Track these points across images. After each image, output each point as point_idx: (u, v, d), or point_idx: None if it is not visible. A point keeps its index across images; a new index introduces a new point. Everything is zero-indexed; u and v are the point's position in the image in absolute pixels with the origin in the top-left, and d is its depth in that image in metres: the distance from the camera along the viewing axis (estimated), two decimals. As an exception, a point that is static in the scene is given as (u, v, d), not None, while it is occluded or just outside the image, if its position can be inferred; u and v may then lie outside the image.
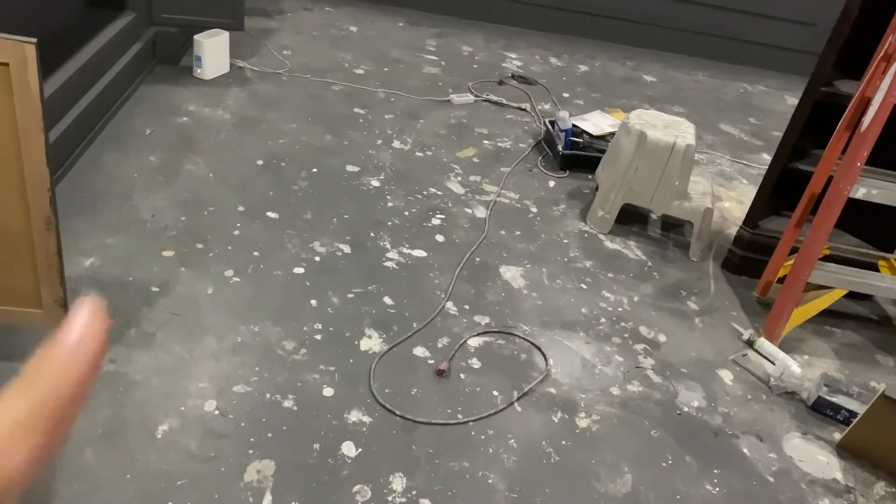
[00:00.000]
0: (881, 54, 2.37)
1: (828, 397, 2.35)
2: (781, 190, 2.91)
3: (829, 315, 2.80)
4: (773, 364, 2.50)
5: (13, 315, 1.85)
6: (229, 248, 2.56)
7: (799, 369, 2.45)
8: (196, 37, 3.60)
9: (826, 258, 2.68)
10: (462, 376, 2.23)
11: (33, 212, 1.69)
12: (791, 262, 2.69)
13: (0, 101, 1.53)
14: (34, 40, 1.49)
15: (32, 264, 1.76)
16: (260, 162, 3.10)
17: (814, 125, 2.76)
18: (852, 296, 2.87)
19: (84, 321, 0.35)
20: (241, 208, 2.78)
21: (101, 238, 2.48)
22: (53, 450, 0.32)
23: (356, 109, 3.70)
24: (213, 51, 3.65)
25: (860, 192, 2.42)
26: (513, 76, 4.47)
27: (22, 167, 1.62)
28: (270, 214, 2.78)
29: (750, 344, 2.60)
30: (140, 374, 2.01)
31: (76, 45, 3.06)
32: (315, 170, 3.13)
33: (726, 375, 2.46)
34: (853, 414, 2.29)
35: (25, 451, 0.31)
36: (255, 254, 2.56)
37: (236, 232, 2.65)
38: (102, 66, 3.15)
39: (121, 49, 3.34)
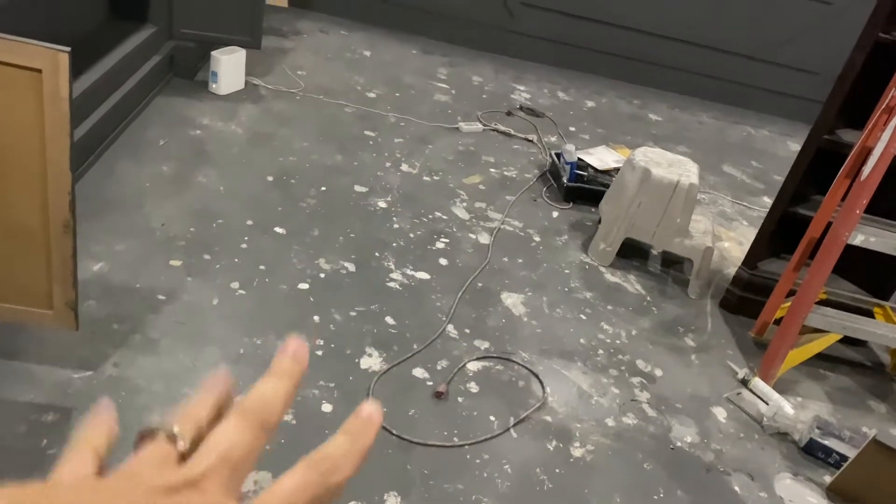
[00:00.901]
0: (883, 107, 2.44)
1: (820, 440, 2.37)
2: (781, 233, 2.96)
3: (823, 359, 2.83)
4: (767, 404, 2.53)
5: (23, 314, 1.88)
6: (236, 260, 2.60)
7: (792, 410, 2.48)
8: (214, 53, 3.67)
9: (822, 302, 2.72)
10: (460, 399, 2.25)
11: (52, 214, 1.73)
12: (788, 304, 2.73)
13: (30, 105, 1.58)
14: (67, 49, 1.55)
15: (47, 265, 1.79)
16: (270, 178, 3.15)
17: (815, 171, 2.82)
18: (847, 341, 2.90)
19: (374, 422, 0.38)
20: (249, 222, 2.82)
21: (111, 244, 2.51)
22: None
23: (367, 131, 3.76)
24: (230, 67, 3.72)
25: (858, 239, 2.47)
26: (521, 108, 4.55)
27: (45, 170, 1.66)
28: (278, 229, 2.83)
29: (744, 383, 2.63)
30: (143, 380, 2.03)
31: (98, 55, 3.12)
32: (324, 188, 3.18)
33: (720, 413, 2.49)
34: (844, 458, 2.32)
35: None
36: (262, 267, 2.60)
37: (244, 245, 2.69)
38: (122, 76, 3.21)
39: (140, 61, 3.40)
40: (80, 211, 1.78)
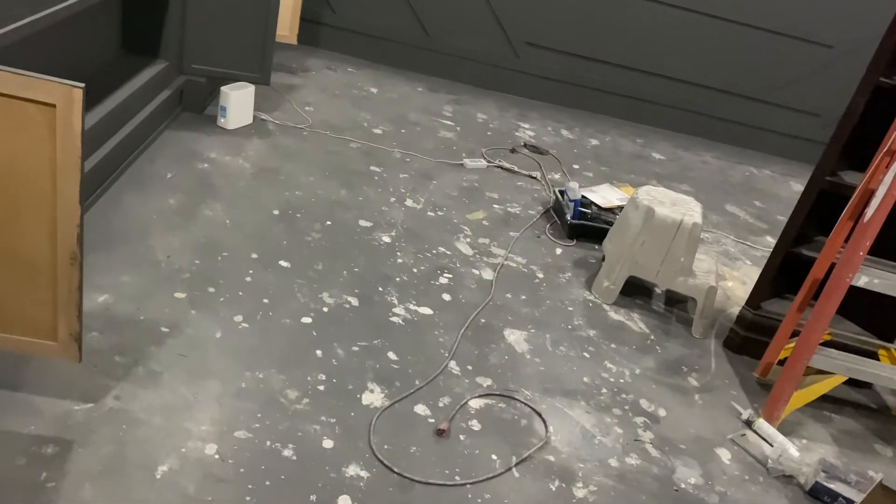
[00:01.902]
0: (885, 150, 2.46)
1: (825, 483, 2.35)
2: (784, 273, 2.96)
3: (828, 400, 2.81)
4: (772, 446, 2.50)
5: (27, 345, 1.88)
6: (240, 293, 2.61)
7: (797, 453, 2.45)
8: (223, 88, 3.73)
9: (827, 343, 2.71)
10: (461, 437, 2.24)
11: (60, 246, 1.74)
12: (792, 344, 2.72)
13: (43, 139, 1.61)
14: (82, 85, 1.57)
15: (53, 297, 1.80)
16: (276, 212, 3.17)
17: (818, 212, 2.83)
18: (852, 383, 2.88)
19: None
20: (254, 255, 2.83)
21: (116, 275, 2.52)
22: None
23: (372, 167, 3.80)
24: (239, 102, 3.77)
25: (862, 281, 2.48)
26: (525, 145, 4.59)
27: (55, 202, 1.68)
28: (282, 263, 2.84)
29: (749, 424, 2.61)
30: (143, 413, 2.02)
31: (110, 89, 3.17)
32: (329, 222, 3.19)
33: (724, 454, 2.46)
34: (850, 502, 2.29)
35: None
36: (265, 301, 2.60)
37: (248, 278, 2.70)
38: (132, 109, 3.26)
39: (150, 95, 3.45)
40: (86, 242, 1.80)
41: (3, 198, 1.68)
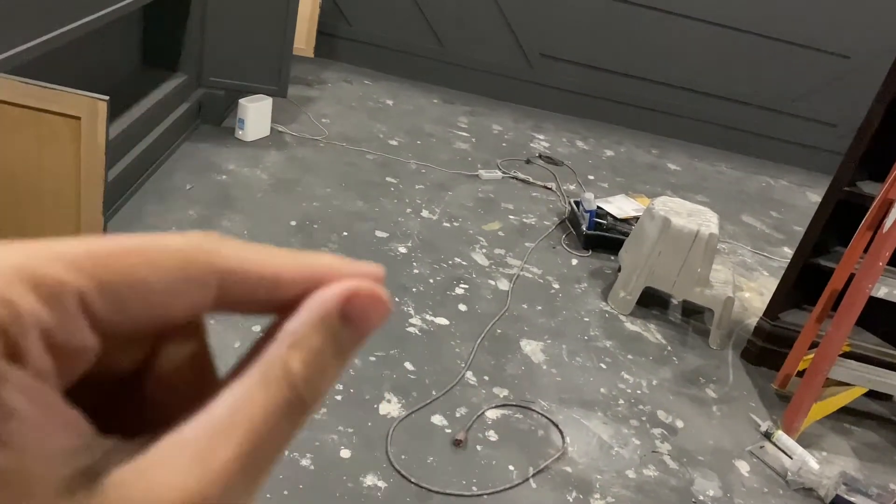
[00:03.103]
0: (904, 159, 2.45)
1: (846, 496, 2.32)
2: (802, 284, 2.94)
3: (848, 412, 2.78)
4: (791, 458, 2.48)
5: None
6: (258, 303, 2.62)
7: (817, 465, 2.43)
8: (241, 101, 3.77)
9: (846, 355, 2.69)
10: (478, 448, 2.24)
11: (83, 256, 1.76)
12: (811, 356, 2.70)
13: (68, 150, 1.64)
14: (106, 98, 1.61)
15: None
16: (293, 223, 3.20)
17: (836, 223, 2.82)
18: (872, 394, 2.85)
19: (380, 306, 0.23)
20: (272, 266, 2.85)
21: (136, 286, 2.55)
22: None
23: (388, 178, 3.82)
24: (256, 115, 3.81)
25: (882, 292, 2.46)
26: (540, 156, 4.60)
27: (79, 212, 1.71)
28: (300, 274, 2.85)
29: (767, 436, 2.59)
30: (164, 422, 2.04)
31: (130, 102, 3.22)
32: (346, 233, 3.22)
33: (743, 466, 2.45)
34: (872, 515, 2.26)
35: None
36: (283, 311, 2.62)
37: (266, 289, 2.71)
38: (151, 122, 3.30)
39: (170, 108, 3.50)
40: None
41: (29, 207, 1.71)
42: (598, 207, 3.69)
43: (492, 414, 2.39)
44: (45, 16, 2.18)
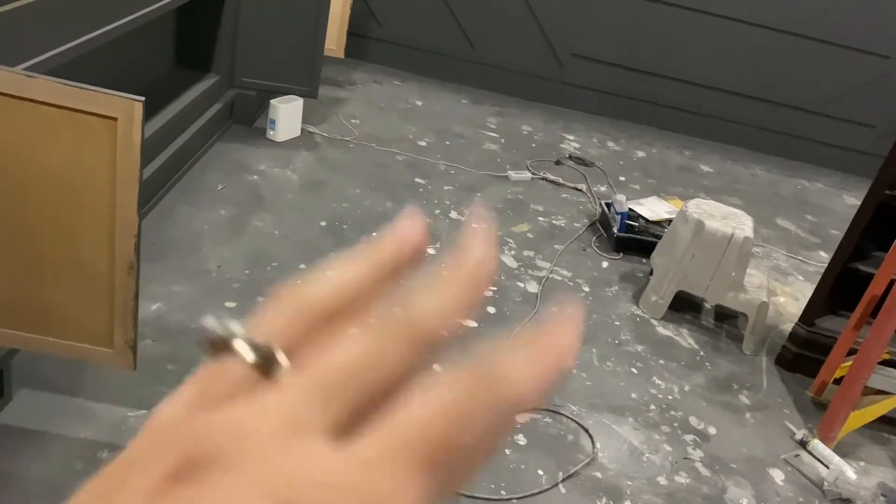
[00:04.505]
0: (948, 162, 2.38)
1: (885, 508, 2.26)
2: (839, 289, 2.88)
3: (887, 422, 2.71)
4: (828, 468, 2.42)
5: (85, 351, 1.93)
6: (288, 303, 2.64)
7: (855, 476, 2.37)
8: (272, 101, 3.80)
9: (885, 363, 2.62)
10: (507, 452, 2.22)
11: (118, 255, 1.78)
12: (848, 363, 2.64)
13: (104, 151, 1.65)
14: (142, 98, 1.62)
15: (110, 305, 1.85)
16: (323, 223, 3.21)
17: (876, 227, 2.75)
18: (912, 404, 2.78)
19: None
20: (302, 266, 2.87)
21: (168, 285, 2.58)
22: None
23: (417, 179, 3.81)
24: (287, 115, 3.84)
25: (924, 298, 2.39)
26: (570, 157, 4.56)
27: (114, 213, 1.72)
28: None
29: (803, 444, 2.53)
30: (195, 421, 2.06)
31: (164, 102, 3.26)
32: (375, 234, 3.21)
33: (777, 475, 2.39)
34: (913, 528, 2.20)
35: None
36: (312, 311, 2.62)
37: (296, 289, 2.73)
38: (184, 122, 3.34)
39: (202, 108, 3.54)
40: (141, 252, 1.85)
41: (66, 207, 1.74)
42: (630, 209, 3.65)
43: (521, 418, 2.37)
44: (81, 19, 2.21)
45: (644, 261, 3.47)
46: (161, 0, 2.75)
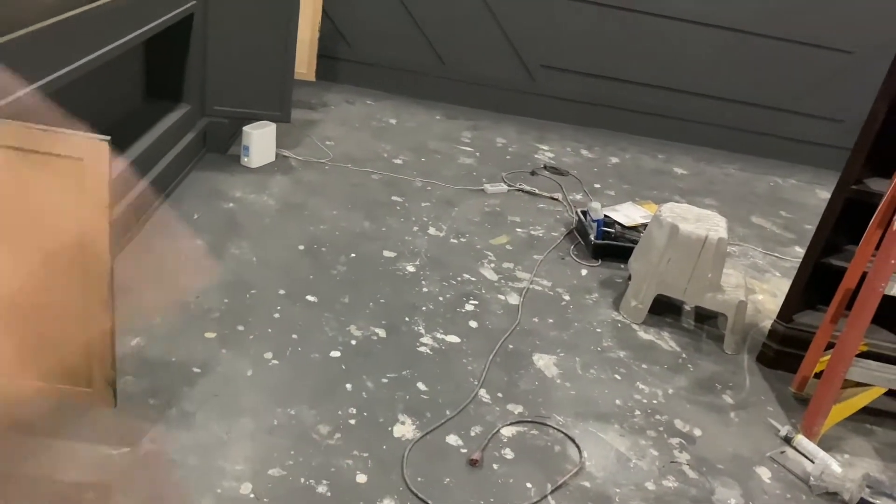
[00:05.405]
0: (910, 155, 2.42)
1: (871, 500, 2.29)
2: (815, 284, 2.92)
3: (869, 412, 2.75)
4: (813, 462, 2.44)
5: (63, 393, 1.92)
6: (269, 330, 2.63)
7: (840, 469, 2.40)
8: (245, 128, 3.80)
9: (864, 354, 2.65)
10: (495, 466, 2.22)
11: (92, 295, 1.78)
12: (828, 357, 2.67)
13: (72, 192, 1.65)
14: (107, 138, 1.62)
15: (86, 345, 1.84)
16: (301, 247, 3.21)
17: (846, 221, 2.79)
18: (892, 393, 2.81)
19: None
20: (281, 291, 2.87)
21: (147, 318, 2.57)
22: None
23: (394, 197, 3.83)
24: (261, 141, 3.84)
25: (895, 290, 2.43)
26: (545, 167, 4.60)
27: (86, 252, 1.72)
28: (309, 298, 2.86)
29: (788, 441, 2.56)
30: (178, 454, 2.05)
31: (136, 135, 3.26)
32: (353, 255, 3.22)
33: (764, 473, 2.42)
34: (898, 518, 2.22)
35: None
36: (294, 336, 2.62)
37: (276, 315, 2.73)
38: (158, 154, 3.33)
39: (175, 139, 3.53)
40: (117, 286, 1.84)
41: (36, 249, 1.73)
42: (606, 216, 3.68)
43: (507, 431, 2.38)
44: (45, 59, 2.21)
45: (622, 266, 3.50)
46: (127, 35, 2.76)
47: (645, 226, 3.57)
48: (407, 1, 5.18)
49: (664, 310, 3.21)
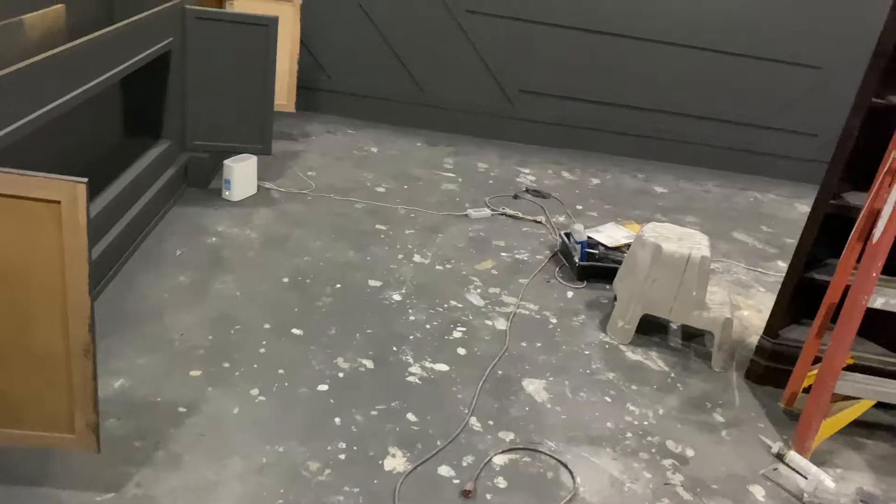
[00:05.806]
0: (885, 169, 2.46)
1: (866, 514, 2.28)
2: (800, 299, 2.93)
3: (859, 426, 2.75)
4: (806, 478, 2.44)
5: (45, 440, 1.88)
6: (255, 366, 2.60)
7: (833, 484, 2.39)
8: (226, 162, 3.79)
9: (851, 367, 2.67)
10: (488, 496, 2.20)
11: (72, 338, 1.75)
12: (815, 371, 2.68)
13: (50, 234, 1.63)
14: (84, 180, 1.61)
15: (68, 389, 1.81)
16: (286, 279, 3.19)
17: (826, 235, 2.82)
18: (881, 405, 2.82)
19: None
20: (267, 326, 2.84)
21: (131, 358, 2.53)
22: None
23: (378, 226, 3.82)
24: (242, 174, 3.83)
25: (878, 302, 2.45)
26: (527, 190, 4.62)
27: (66, 296, 1.70)
28: (295, 331, 2.84)
29: (780, 457, 2.55)
30: (167, 498, 2.00)
31: (116, 173, 3.24)
32: (339, 286, 3.21)
33: (758, 491, 2.41)
34: (894, 532, 2.22)
35: None
36: (280, 371, 2.60)
37: (262, 350, 2.70)
38: (139, 191, 3.31)
39: (156, 174, 3.52)
40: (99, 326, 1.81)
41: (15, 293, 1.71)
42: (589, 237, 3.70)
43: (499, 460, 2.35)
44: (22, 101, 2.20)
45: (608, 287, 3.51)
46: (104, 73, 2.75)
47: (628, 246, 3.59)
48: (384, 30, 5.22)
49: (651, 329, 3.21)
